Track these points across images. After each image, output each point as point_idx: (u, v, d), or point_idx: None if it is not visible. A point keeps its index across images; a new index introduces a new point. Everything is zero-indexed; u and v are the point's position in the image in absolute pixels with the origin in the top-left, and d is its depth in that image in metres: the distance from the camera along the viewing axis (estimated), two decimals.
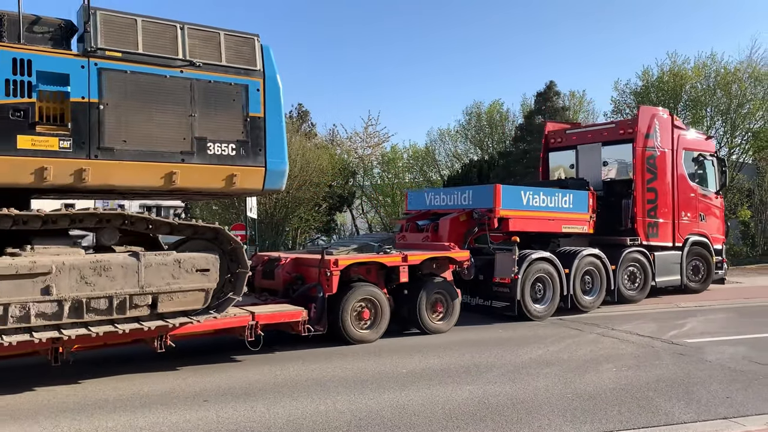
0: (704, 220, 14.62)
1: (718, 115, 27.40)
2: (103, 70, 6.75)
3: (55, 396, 6.48)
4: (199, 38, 7.45)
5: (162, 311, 6.89)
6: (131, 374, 7.32)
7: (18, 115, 6.30)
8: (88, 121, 6.65)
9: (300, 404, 6.17)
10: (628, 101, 29.58)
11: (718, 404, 6.05)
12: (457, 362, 7.94)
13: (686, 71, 28.14)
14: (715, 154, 15.15)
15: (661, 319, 11.41)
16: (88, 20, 6.70)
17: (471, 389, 6.65)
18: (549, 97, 27.54)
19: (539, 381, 6.98)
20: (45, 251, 6.41)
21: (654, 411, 5.83)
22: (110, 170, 6.80)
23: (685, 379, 7.05)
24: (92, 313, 6.49)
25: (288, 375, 7.37)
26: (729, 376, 7.16)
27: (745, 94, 27.13)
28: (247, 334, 7.85)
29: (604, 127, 14.85)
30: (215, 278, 7.22)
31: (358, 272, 9.58)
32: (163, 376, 7.32)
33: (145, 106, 7.02)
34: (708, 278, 14.71)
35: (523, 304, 11.37)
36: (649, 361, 7.93)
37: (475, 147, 34.53)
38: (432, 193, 13.33)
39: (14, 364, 7.41)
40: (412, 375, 7.33)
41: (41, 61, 6.45)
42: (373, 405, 6.12)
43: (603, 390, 6.57)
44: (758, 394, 6.40)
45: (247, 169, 7.70)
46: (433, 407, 6.01)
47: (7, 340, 6.03)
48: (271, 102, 7.92)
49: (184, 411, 5.98)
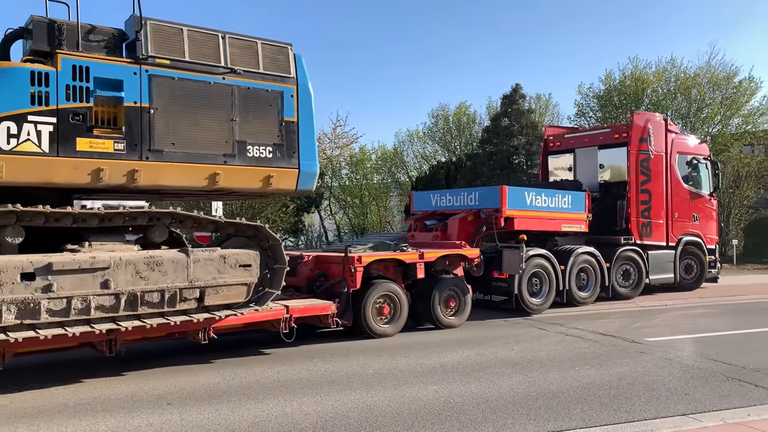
0: (697, 220, 15.36)
1: (678, 119, 28.22)
2: (153, 76, 7.14)
3: (13, 401, 6.35)
4: (238, 47, 7.87)
5: (208, 304, 7.30)
6: (93, 379, 7.15)
7: (77, 118, 6.66)
8: (139, 125, 7.04)
9: (265, 406, 6.09)
10: (591, 105, 30.56)
11: (677, 401, 6.16)
12: (423, 362, 7.95)
13: (647, 75, 29.13)
14: (708, 158, 15.86)
15: (624, 318, 11.72)
16: (140, 29, 7.09)
17: (437, 389, 6.66)
18: (515, 99, 27.69)
19: (504, 380, 7.01)
20: (101, 248, 6.78)
21: (615, 409, 5.90)
22: (160, 171, 7.19)
23: (645, 376, 7.13)
24: (145, 305, 6.87)
25: (254, 377, 7.27)
26: (688, 373, 7.29)
27: (704, 98, 28.21)
28: (282, 327, 8.29)
29: (600, 131, 15.61)
30: (256, 273, 7.65)
31: (377, 269, 10.06)
32: (125, 379, 7.20)
33: (191, 111, 7.42)
34: (701, 277, 15.45)
35: (521, 297, 12.06)
36: (611, 360, 8.02)
37: (442, 149, 35.17)
38: (438, 194, 13.89)
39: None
40: (379, 375, 7.29)
41: (98, 67, 6.82)
42: (340, 406, 6.08)
43: (566, 389, 6.62)
44: (715, 390, 6.55)
45: (282, 170, 8.14)
46: (399, 407, 6.01)
47: (71, 331, 6.38)
48: (304, 107, 8.38)
49: (146, 415, 5.88)
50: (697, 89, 28.34)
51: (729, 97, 28.53)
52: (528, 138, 26.68)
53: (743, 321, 11.31)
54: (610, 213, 14.22)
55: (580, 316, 11.96)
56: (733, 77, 28.83)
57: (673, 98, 28.94)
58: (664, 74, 29.33)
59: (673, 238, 14.74)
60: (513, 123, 27.16)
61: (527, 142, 26.56)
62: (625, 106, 29.03)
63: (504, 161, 26.20)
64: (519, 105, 27.77)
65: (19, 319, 6.17)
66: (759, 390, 6.54)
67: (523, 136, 26.76)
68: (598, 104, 30.54)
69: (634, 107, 28.14)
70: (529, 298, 12.22)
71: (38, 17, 6.74)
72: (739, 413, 5.72)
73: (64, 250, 6.60)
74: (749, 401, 6.14)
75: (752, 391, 6.49)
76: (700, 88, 28.32)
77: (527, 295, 12.18)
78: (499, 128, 27.39)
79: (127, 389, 6.80)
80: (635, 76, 29.40)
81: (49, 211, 6.37)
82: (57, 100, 6.54)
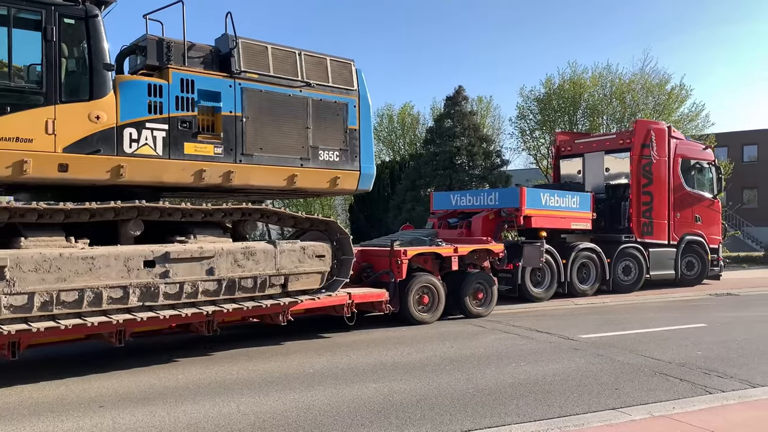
0: (700, 221, 16.52)
1: (613, 123, 29.31)
2: (245, 89, 8.11)
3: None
4: (311, 63, 8.87)
5: (290, 290, 8.28)
6: (19, 385, 6.78)
7: (185, 125, 7.61)
8: (234, 131, 8.00)
9: (202, 407, 5.96)
10: (532, 107, 31.41)
11: (608, 396, 6.30)
12: (364, 361, 7.94)
13: (584, 80, 29.98)
14: (712, 163, 16.98)
15: (561, 316, 11.98)
16: (234, 47, 8.05)
17: (377, 387, 6.66)
18: (458, 101, 27.83)
19: (443, 377, 7.05)
20: (204, 239, 7.72)
21: (549, 404, 6.01)
22: (250, 173, 8.16)
23: (578, 372, 7.25)
24: (241, 290, 7.82)
25: (190, 378, 7.10)
26: (618, 368, 7.45)
27: (638, 103, 29.19)
28: (345, 311, 9.33)
29: (606, 137, 16.91)
30: (329, 263, 8.65)
31: (417, 262, 11.11)
32: (53, 384, 6.86)
33: (275, 120, 8.41)
34: (702, 273, 16.62)
35: (525, 287, 13.36)
36: (546, 356, 8.14)
37: (387, 148, 36.02)
38: (458, 195, 15.02)
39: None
40: (319, 374, 7.23)
41: (200, 80, 7.77)
42: (279, 406, 6.00)
43: (503, 385, 6.71)
44: (643, 385, 6.72)
45: (346, 172, 9.16)
46: (339, 406, 5.99)
47: (184, 313, 7.32)
48: (364, 117, 9.41)
49: (77, 418, 5.67)
50: (631, 95, 29.14)
51: (661, 103, 29.39)
52: (470, 139, 26.99)
53: (686, 317, 11.69)
54: (615, 213, 15.48)
55: (517, 314, 12.06)
56: (665, 84, 29.82)
57: (609, 103, 29.68)
58: (600, 79, 30.10)
59: (674, 237, 15.93)
60: (456, 124, 27.34)
61: (469, 143, 26.87)
62: (564, 109, 29.79)
63: (447, 162, 26.36)
64: (461, 107, 27.98)
65: (141, 302, 7.08)
66: (684, 384, 6.78)
67: (466, 137, 27.01)
68: (538, 107, 31.16)
69: (572, 111, 29.25)
70: (532, 288, 13.54)
71: (152, 36, 7.66)
72: (665, 406, 5.92)
73: (173, 241, 7.52)
74: (674, 395, 6.35)
75: (677, 385, 6.71)
76: (634, 94, 29.12)
77: (530, 285, 13.51)
78: (442, 129, 27.47)
79: (55, 393, 6.52)
80: (573, 81, 30.03)
81: (165, 207, 7.30)
82: (169, 109, 7.48)
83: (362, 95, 9.41)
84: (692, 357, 8.07)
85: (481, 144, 27.24)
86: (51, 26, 6.75)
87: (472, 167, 26.85)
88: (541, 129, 31.24)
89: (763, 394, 6.36)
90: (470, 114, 28.57)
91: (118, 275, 6.85)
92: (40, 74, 6.74)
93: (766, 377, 7.05)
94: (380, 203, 27.43)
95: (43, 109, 6.69)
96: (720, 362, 7.77)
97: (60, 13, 6.84)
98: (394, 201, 26.56)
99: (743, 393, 6.41)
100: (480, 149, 26.93)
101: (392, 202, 26.64)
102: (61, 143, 6.78)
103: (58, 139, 6.76)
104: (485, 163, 27.24)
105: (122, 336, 7.33)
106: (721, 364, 7.65)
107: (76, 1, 6.96)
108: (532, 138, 31.91)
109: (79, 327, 6.72)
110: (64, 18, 6.89)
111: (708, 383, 6.80)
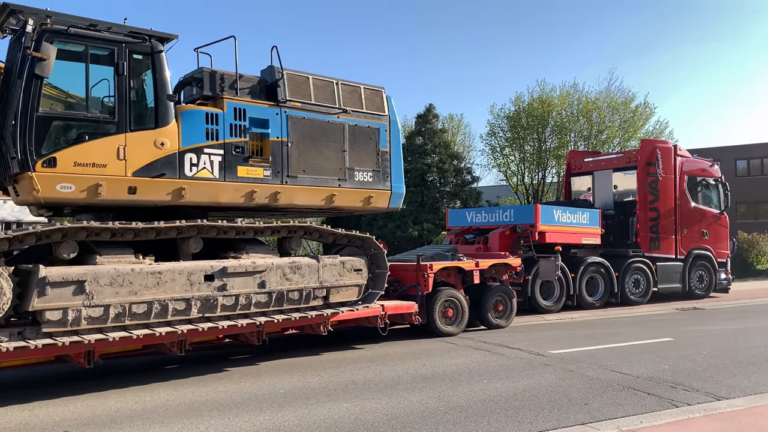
0: (707, 236, 17.09)
1: (581, 140, 30.19)
2: (290, 116, 8.80)
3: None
4: (347, 91, 9.58)
5: (331, 302, 8.89)
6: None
7: (238, 150, 8.27)
8: (280, 155, 8.67)
9: (170, 431, 5.93)
10: (502, 125, 32.27)
11: (577, 411, 6.33)
12: (335, 380, 7.91)
13: (553, 99, 30.87)
14: (719, 179, 17.52)
15: (531, 332, 12.06)
16: (280, 78, 8.75)
17: (348, 406, 6.64)
18: (428, 119, 28.55)
19: (414, 395, 7.04)
20: (255, 255, 8.33)
21: (520, 420, 6.04)
22: (295, 193, 8.81)
23: (548, 388, 7.29)
24: (288, 302, 8.43)
25: (158, 401, 7.00)
26: (587, 384, 7.49)
27: (604, 121, 30.15)
28: (379, 322, 9.93)
29: (615, 156, 17.68)
30: (366, 276, 9.27)
31: (441, 275, 11.71)
32: (15, 408, 6.75)
33: (316, 144, 9.08)
34: (710, 287, 17.18)
35: (535, 299, 13.98)
36: (516, 373, 8.16)
37: None
38: (473, 212, 15.72)
39: None
40: (290, 395, 7.17)
41: (251, 109, 8.46)
42: (249, 427, 5.96)
43: (474, 402, 6.72)
44: (612, 399, 6.78)
45: (379, 192, 9.82)
46: (310, 426, 5.95)
47: (239, 323, 7.92)
48: (394, 140, 10.10)
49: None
50: (598, 112, 30.07)
51: (627, 121, 30.43)
52: (441, 156, 27.48)
53: (654, 331, 11.80)
54: (623, 228, 16.17)
55: (487, 332, 11.94)
56: (630, 102, 30.85)
57: (576, 121, 30.55)
58: (567, 98, 30.96)
59: (681, 252, 16.54)
60: (426, 141, 28.03)
61: (440, 160, 27.35)
62: (533, 127, 30.56)
63: (418, 179, 26.93)
64: (432, 124, 28.66)
65: (200, 313, 7.68)
66: (651, 398, 6.82)
67: (436, 154, 27.56)
68: (507, 125, 31.97)
69: (541, 128, 29.99)
70: (542, 301, 14.15)
71: (207, 69, 8.36)
72: (633, 421, 5.97)
73: (227, 257, 8.14)
74: (642, 408, 6.40)
75: (645, 399, 6.77)
76: (600, 112, 30.07)
77: (540, 297, 14.13)
78: (413, 146, 28.05)
79: (19, 416, 6.44)
80: (542, 99, 30.90)
81: (223, 225, 7.93)
82: (224, 136, 8.15)
83: (392, 120, 10.11)
84: (659, 371, 8.15)
85: (451, 161, 27.84)
86: (122, 62, 7.45)
87: (443, 184, 27.42)
88: (510, 146, 31.91)
89: (728, 407, 6.44)
90: (441, 132, 29.14)
91: (182, 288, 7.46)
92: (113, 105, 7.42)
93: (731, 390, 7.12)
94: (351, 219, 26.15)
95: (115, 137, 7.36)
96: (686, 376, 7.86)
97: (130, 50, 7.54)
98: (366, 218, 26.34)
99: (708, 406, 6.51)
100: (451, 166, 27.48)
101: (364, 219, 26.41)
102: (131, 168, 7.44)
103: (128, 164, 7.42)
104: (456, 179, 27.81)
105: (183, 346, 7.91)
106: (687, 378, 7.73)
107: (143, 39, 7.66)
108: (503, 155, 32.59)
109: (149, 336, 7.31)
110: (133, 54, 7.59)
111: (675, 397, 6.86)
